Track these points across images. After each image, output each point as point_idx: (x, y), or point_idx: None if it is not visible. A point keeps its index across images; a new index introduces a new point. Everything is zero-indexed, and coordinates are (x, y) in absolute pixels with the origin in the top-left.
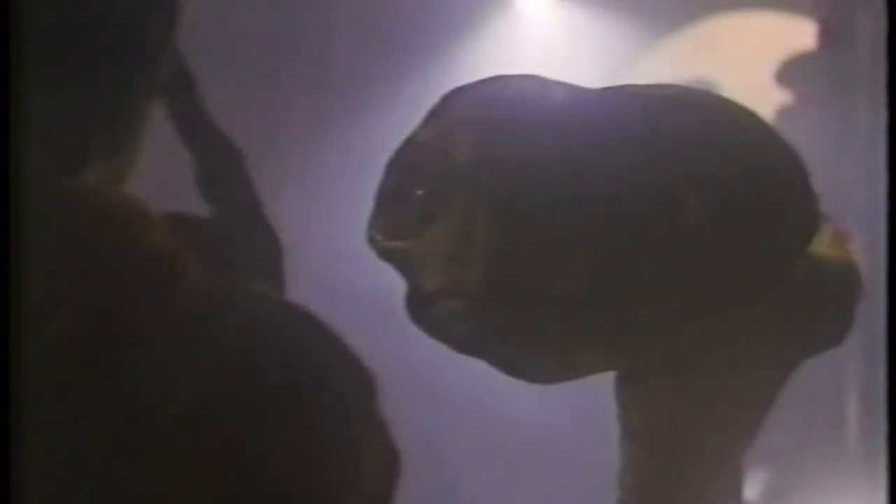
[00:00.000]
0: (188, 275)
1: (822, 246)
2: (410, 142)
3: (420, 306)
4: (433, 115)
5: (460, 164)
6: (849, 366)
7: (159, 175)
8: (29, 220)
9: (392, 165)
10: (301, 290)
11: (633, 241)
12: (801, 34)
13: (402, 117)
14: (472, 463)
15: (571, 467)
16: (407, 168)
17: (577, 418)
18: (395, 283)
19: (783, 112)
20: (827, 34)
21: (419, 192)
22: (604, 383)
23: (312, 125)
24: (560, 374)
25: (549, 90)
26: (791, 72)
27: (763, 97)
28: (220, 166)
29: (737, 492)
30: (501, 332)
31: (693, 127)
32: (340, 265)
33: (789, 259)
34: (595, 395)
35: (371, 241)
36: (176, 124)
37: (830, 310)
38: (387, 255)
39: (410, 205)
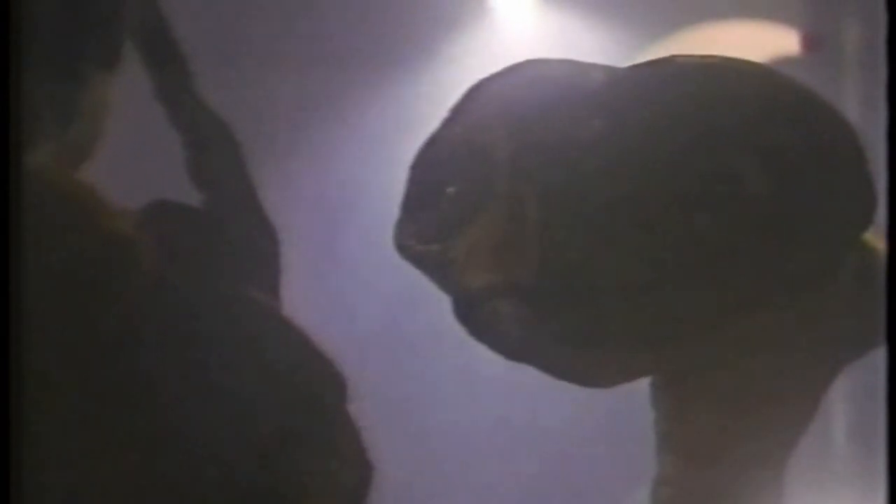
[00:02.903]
0: (140, 267)
1: (872, 237)
2: (437, 140)
3: (469, 307)
4: (460, 110)
5: (502, 157)
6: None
7: (149, 164)
8: None
9: (417, 166)
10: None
11: (691, 221)
12: (787, 42)
13: (387, 118)
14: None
15: (571, 471)
16: (436, 167)
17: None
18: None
19: None
20: (812, 42)
21: (451, 191)
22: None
23: (293, 127)
24: (615, 377)
25: (587, 71)
26: None
27: None
28: (212, 152)
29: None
30: (556, 332)
31: (747, 94)
32: (326, 259)
33: (847, 242)
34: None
35: (402, 248)
36: (165, 104)
37: (880, 307)
38: (422, 259)
39: (443, 205)
